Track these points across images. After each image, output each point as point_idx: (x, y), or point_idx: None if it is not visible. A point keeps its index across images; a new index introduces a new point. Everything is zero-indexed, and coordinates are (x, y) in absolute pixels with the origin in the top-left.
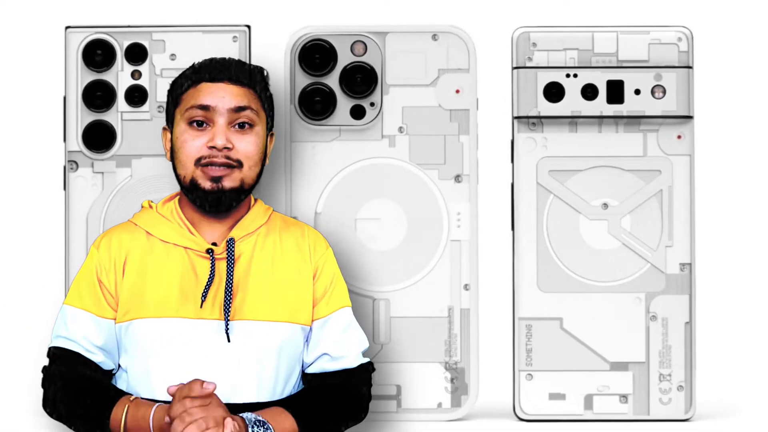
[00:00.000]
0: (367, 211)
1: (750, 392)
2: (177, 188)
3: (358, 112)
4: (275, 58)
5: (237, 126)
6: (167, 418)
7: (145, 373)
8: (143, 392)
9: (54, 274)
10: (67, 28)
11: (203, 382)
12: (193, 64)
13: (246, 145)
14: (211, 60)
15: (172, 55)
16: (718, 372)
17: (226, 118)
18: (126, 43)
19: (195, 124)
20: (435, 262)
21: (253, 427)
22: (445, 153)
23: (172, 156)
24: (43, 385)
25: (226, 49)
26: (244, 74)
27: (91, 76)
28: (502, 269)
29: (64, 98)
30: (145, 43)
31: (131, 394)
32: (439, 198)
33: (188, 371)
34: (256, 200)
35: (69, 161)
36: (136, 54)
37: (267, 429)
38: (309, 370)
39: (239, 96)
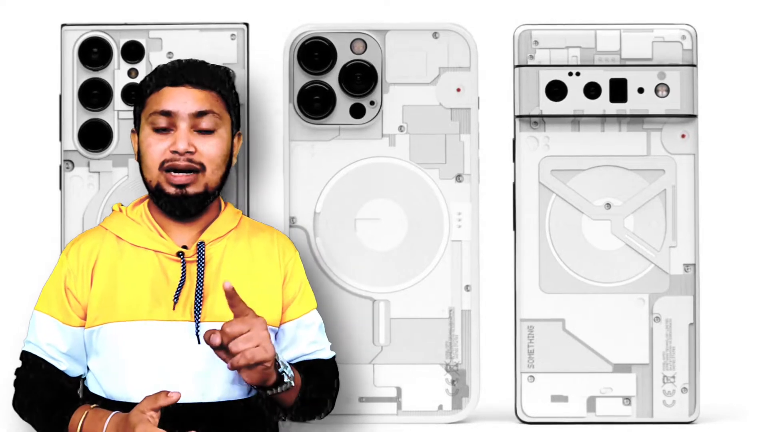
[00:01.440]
0: (367, 211)
1: (755, 394)
2: None
3: (357, 111)
4: (274, 56)
5: (200, 129)
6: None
7: (118, 376)
8: (116, 394)
9: (49, 276)
10: (62, 25)
11: (168, 392)
12: (156, 68)
13: (209, 149)
14: (174, 63)
15: (169, 53)
16: (722, 374)
17: (188, 122)
18: (122, 41)
19: (158, 128)
20: (436, 262)
21: (281, 367)
22: (446, 152)
23: (139, 159)
24: (15, 386)
25: (225, 47)
26: (207, 77)
27: (87, 75)
28: (504, 270)
29: (60, 97)
30: (142, 41)
31: (92, 403)
32: (440, 198)
33: (160, 372)
34: (226, 204)
35: (65, 161)
36: (133, 52)
37: (291, 374)
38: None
39: (201, 100)
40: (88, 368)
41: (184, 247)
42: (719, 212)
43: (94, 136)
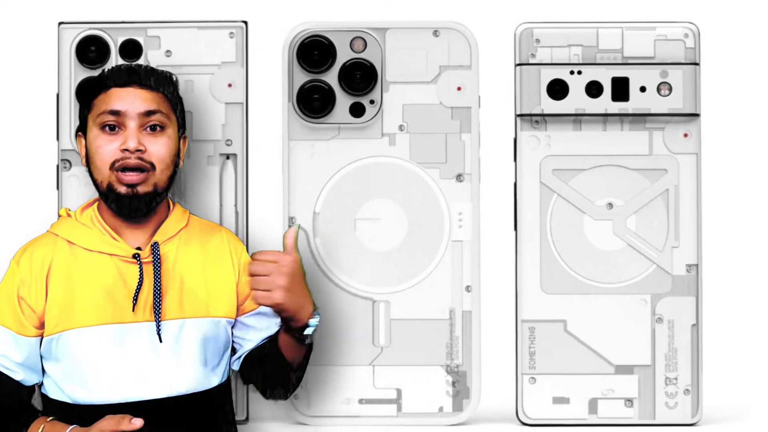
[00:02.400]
0: (367, 211)
1: (758, 396)
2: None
3: (357, 110)
4: (273, 54)
5: (148, 129)
6: None
7: (83, 381)
8: (82, 398)
9: None
10: (60, 23)
11: (132, 418)
12: (103, 70)
13: (158, 148)
14: (120, 66)
15: (168, 51)
16: (725, 375)
17: (137, 121)
18: (120, 39)
19: (107, 128)
20: (436, 263)
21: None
22: (447, 151)
23: (88, 161)
24: None
25: (223, 45)
26: (153, 79)
27: (84, 73)
28: (505, 270)
29: (57, 95)
30: (140, 40)
31: (48, 415)
32: (441, 197)
33: (125, 374)
34: (174, 204)
35: (62, 160)
36: (131, 50)
37: (314, 325)
38: (259, 345)
39: (149, 100)
40: (44, 373)
41: (138, 248)
42: (722, 212)
43: None
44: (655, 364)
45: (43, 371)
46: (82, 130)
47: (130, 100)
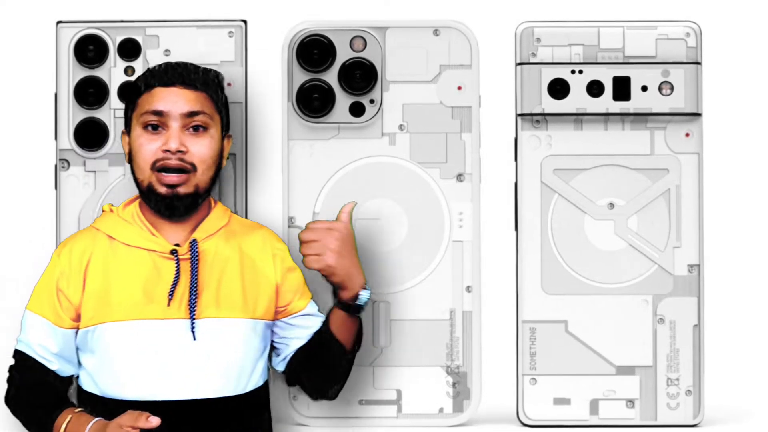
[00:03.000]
0: (367, 211)
1: (760, 397)
2: None
3: (357, 110)
4: (272, 53)
5: (191, 129)
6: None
7: (114, 374)
8: (112, 392)
9: (41, 276)
10: (58, 23)
11: (149, 415)
12: (148, 69)
13: (200, 149)
14: (165, 65)
15: (166, 50)
16: (727, 376)
17: (180, 122)
18: (119, 39)
19: (150, 128)
20: (436, 263)
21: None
22: (447, 151)
23: (131, 160)
24: (7, 383)
25: (222, 44)
26: (197, 78)
27: (83, 72)
28: (506, 271)
29: (56, 95)
30: (139, 39)
31: (77, 406)
32: (441, 197)
33: (156, 370)
34: (216, 202)
35: (60, 160)
36: (130, 49)
37: (364, 298)
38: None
39: (192, 100)
40: (80, 365)
41: (177, 245)
42: (724, 212)
43: (90, 135)
44: (656, 365)
45: (80, 363)
46: (126, 128)
47: (173, 100)
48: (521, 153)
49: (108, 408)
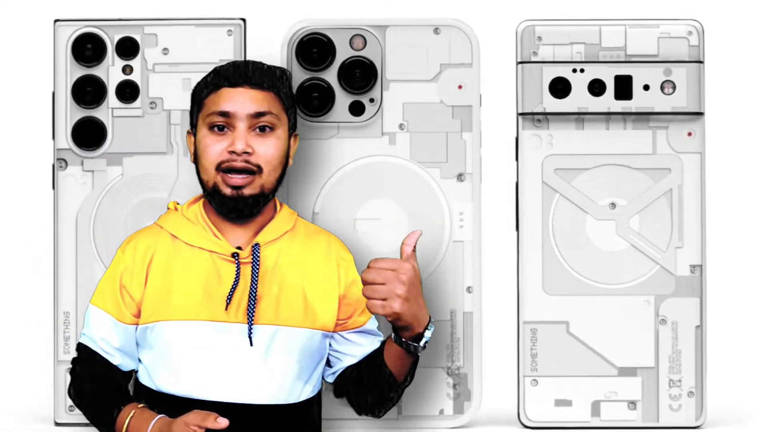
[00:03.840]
0: (367, 211)
1: (764, 398)
2: (164, 187)
3: (357, 109)
4: (271, 52)
5: (257, 129)
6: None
7: (170, 371)
8: (167, 388)
9: (43, 277)
10: (55, 21)
11: (218, 416)
12: (215, 69)
13: (266, 149)
14: (232, 64)
15: (165, 49)
16: (729, 377)
17: (246, 123)
18: (117, 37)
19: (216, 129)
20: (437, 263)
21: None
22: (447, 151)
23: (196, 160)
24: (70, 375)
25: (221, 43)
26: (265, 78)
27: (80, 71)
28: (506, 271)
29: (53, 94)
30: (137, 37)
31: (138, 401)
32: (441, 197)
33: (212, 371)
34: (281, 205)
35: (58, 159)
36: (128, 48)
37: (426, 339)
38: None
39: (259, 101)
40: (140, 361)
41: (239, 248)
42: (726, 212)
43: (88, 134)
44: (658, 366)
45: (139, 359)
46: (192, 128)
47: (240, 101)
48: (522, 152)
49: (163, 403)
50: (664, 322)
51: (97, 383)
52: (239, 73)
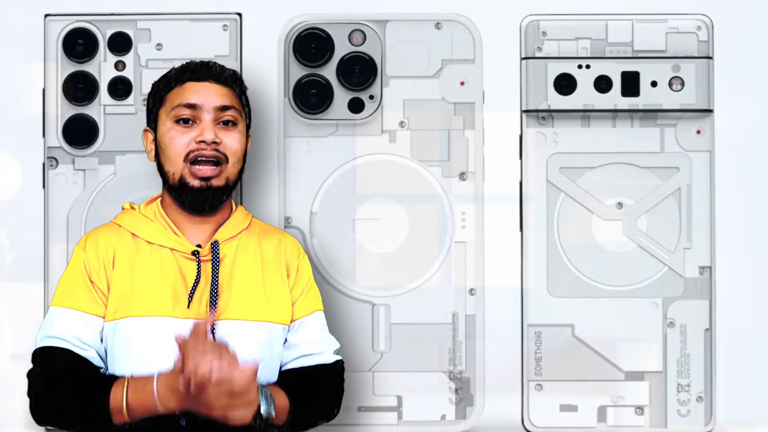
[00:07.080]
0: (366, 210)
1: None
2: (157, 186)
3: (356, 106)
4: (268, 47)
5: (222, 123)
6: (177, 362)
7: (136, 367)
8: None
9: (33, 277)
10: (46, 15)
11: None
12: (175, 66)
13: (231, 141)
14: (191, 62)
15: (158, 44)
16: (740, 382)
17: (212, 115)
18: (109, 32)
19: (182, 121)
20: (438, 265)
21: (263, 390)
22: (449, 149)
23: (157, 155)
24: (29, 393)
25: (216, 38)
26: (227, 76)
27: (72, 67)
28: (510, 272)
29: (44, 91)
30: (130, 32)
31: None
32: (443, 197)
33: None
34: (237, 205)
35: (48, 158)
36: (120, 44)
37: (271, 400)
38: (287, 367)
39: (224, 95)
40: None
41: (198, 245)
42: (736, 212)
43: (80, 132)
44: (666, 371)
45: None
46: (150, 125)
47: (206, 94)
48: (526, 151)
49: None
50: (673, 325)
51: (73, 378)
52: (204, 69)
